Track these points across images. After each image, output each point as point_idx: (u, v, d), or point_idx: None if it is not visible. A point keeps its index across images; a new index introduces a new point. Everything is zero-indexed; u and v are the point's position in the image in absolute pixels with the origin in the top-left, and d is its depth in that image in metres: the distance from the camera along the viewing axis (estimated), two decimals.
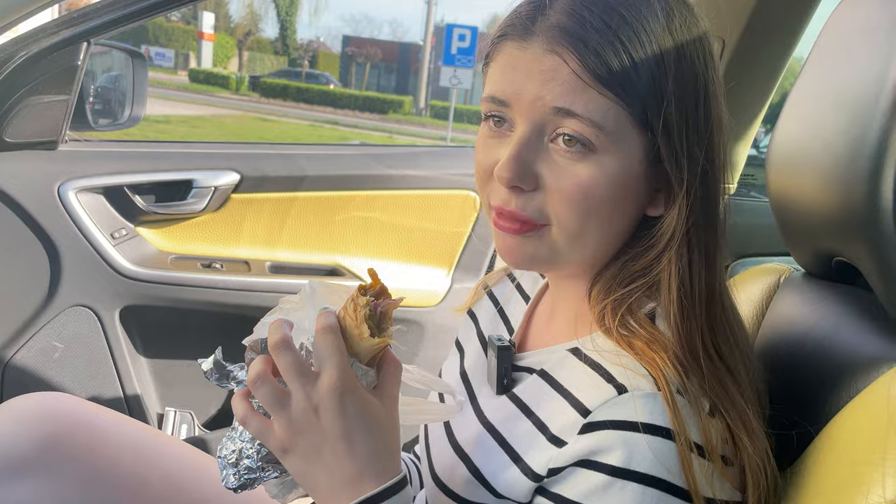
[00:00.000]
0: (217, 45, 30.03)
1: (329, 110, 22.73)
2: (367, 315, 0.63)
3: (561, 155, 0.67)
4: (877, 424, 0.61)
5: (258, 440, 0.66)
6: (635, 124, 0.66)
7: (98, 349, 1.63)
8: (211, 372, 0.71)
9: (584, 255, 0.71)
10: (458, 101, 20.89)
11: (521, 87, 0.67)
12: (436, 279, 1.84)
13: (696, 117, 0.67)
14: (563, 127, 0.66)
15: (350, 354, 0.64)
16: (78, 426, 0.90)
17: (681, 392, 0.62)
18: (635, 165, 0.67)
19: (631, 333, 0.66)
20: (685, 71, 0.66)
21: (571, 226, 0.68)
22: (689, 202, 0.67)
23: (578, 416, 0.65)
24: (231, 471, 0.69)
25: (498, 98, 0.70)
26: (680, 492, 0.61)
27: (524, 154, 0.67)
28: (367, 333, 0.63)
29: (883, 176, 0.65)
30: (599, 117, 0.65)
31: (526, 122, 0.68)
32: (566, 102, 0.65)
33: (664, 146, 0.66)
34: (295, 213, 1.76)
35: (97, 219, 1.60)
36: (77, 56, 1.50)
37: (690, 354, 0.64)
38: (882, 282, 0.70)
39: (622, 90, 0.64)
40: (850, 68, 0.75)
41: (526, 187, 0.68)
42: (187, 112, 15.90)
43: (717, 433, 0.62)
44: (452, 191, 1.82)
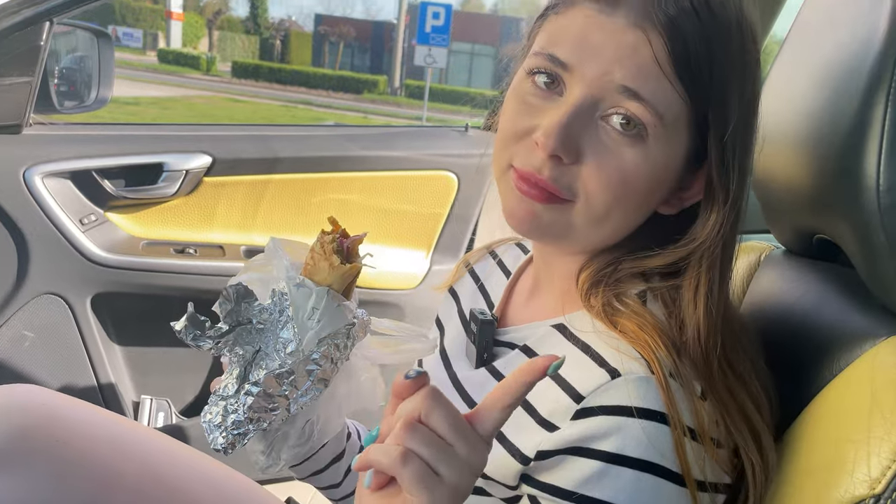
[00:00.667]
0: (186, 24, 29.47)
1: (303, 90, 22.46)
2: (335, 248, 0.67)
3: (610, 135, 0.64)
4: (860, 402, 0.61)
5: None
6: (689, 123, 0.65)
7: (70, 338, 1.59)
8: (186, 329, 0.68)
9: (595, 239, 0.70)
10: (433, 80, 20.76)
11: (592, 56, 0.64)
12: (414, 261, 1.82)
13: (750, 128, 0.68)
14: (622, 107, 0.63)
15: (325, 284, 0.67)
16: (47, 418, 0.88)
17: (673, 375, 0.61)
18: (674, 163, 0.67)
19: (618, 313, 0.66)
20: (749, 87, 0.67)
21: (598, 208, 0.66)
22: (727, 216, 0.67)
23: (571, 401, 0.63)
24: (217, 432, 0.68)
25: (559, 59, 0.65)
26: (674, 476, 0.60)
27: (575, 124, 0.64)
28: (338, 262, 0.67)
29: (865, 152, 0.64)
30: (664, 107, 0.63)
31: (584, 91, 0.64)
32: (636, 84, 0.62)
33: (716, 155, 0.66)
34: (269, 196, 1.73)
35: (65, 204, 1.55)
36: (39, 36, 1.44)
37: (692, 341, 0.64)
38: (863, 259, 0.69)
39: (693, 87, 0.63)
40: (833, 41, 0.74)
41: (567, 159, 0.65)
42: (157, 93, 15.63)
43: (709, 416, 0.62)
44: (430, 171, 1.80)
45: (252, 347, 0.69)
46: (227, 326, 0.68)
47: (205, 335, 0.68)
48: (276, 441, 0.74)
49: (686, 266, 0.68)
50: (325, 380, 0.69)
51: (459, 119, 1.95)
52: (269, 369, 0.67)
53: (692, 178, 0.69)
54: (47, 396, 0.94)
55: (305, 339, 0.67)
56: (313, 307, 0.67)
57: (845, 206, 0.68)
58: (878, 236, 0.64)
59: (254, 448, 0.75)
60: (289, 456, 0.74)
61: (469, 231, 1.84)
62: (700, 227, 0.68)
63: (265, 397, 0.68)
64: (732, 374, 0.65)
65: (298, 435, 0.74)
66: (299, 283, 0.68)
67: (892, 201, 0.63)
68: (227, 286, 0.68)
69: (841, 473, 0.59)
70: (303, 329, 0.67)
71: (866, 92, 0.65)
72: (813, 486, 0.61)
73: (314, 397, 0.69)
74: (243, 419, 0.68)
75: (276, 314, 0.68)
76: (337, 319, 0.67)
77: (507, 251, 0.93)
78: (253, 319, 0.68)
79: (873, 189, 0.64)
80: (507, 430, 0.67)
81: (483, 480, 0.69)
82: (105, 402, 1.64)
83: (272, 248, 0.71)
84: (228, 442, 0.68)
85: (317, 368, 0.68)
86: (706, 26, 0.63)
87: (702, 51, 0.63)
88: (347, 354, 0.71)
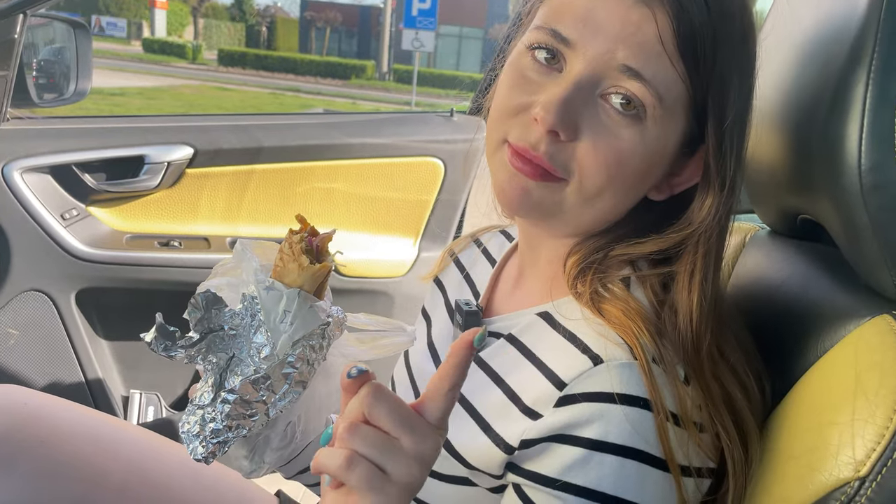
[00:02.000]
0: (171, 12, 29.19)
1: (290, 77, 22.31)
2: (303, 248, 0.66)
3: (609, 114, 0.64)
4: (844, 384, 0.61)
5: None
6: (687, 107, 0.65)
7: (55, 334, 1.58)
8: (156, 341, 0.67)
9: (585, 219, 0.69)
10: (421, 64, 20.64)
11: (595, 33, 0.63)
12: (402, 249, 1.81)
13: (747, 121, 0.67)
14: (623, 86, 0.63)
15: (296, 286, 0.66)
16: (30, 419, 0.87)
17: (656, 360, 0.61)
18: (669, 146, 0.66)
19: (604, 299, 0.65)
20: (748, 75, 0.66)
21: (592, 187, 0.65)
22: (724, 202, 0.66)
23: (554, 388, 0.63)
24: (196, 441, 0.67)
25: (562, 34, 0.64)
26: (657, 461, 0.60)
27: (575, 100, 0.63)
28: (307, 262, 0.66)
29: (847, 131, 0.63)
30: (664, 88, 0.62)
31: (585, 68, 0.63)
32: (638, 63, 0.62)
33: (714, 140, 0.65)
34: (254, 186, 1.71)
35: (45, 200, 1.54)
36: (13, 29, 1.42)
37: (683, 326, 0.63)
38: (847, 239, 0.69)
39: (696, 69, 0.62)
40: (814, 20, 0.73)
41: (564, 136, 0.64)
42: (143, 83, 15.48)
43: (692, 400, 0.61)
44: (416, 158, 1.79)
45: (226, 354, 0.67)
46: (197, 335, 0.66)
47: (175, 345, 0.67)
48: (258, 445, 0.73)
49: (681, 252, 0.67)
50: (303, 382, 0.68)
51: (449, 103, 1.93)
52: (245, 375, 0.66)
53: (684, 164, 0.69)
54: (29, 396, 0.93)
55: (279, 343, 0.65)
56: (285, 310, 0.65)
57: (827, 186, 0.67)
58: (860, 216, 0.64)
59: (236, 453, 0.74)
60: (272, 459, 0.73)
61: (457, 217, 1.83)
62: (696, 212, 0.67)
63: (242, 404, 0.66)
64: (721, 361, 0.65)
65: (280, 438, 0.73)
66: (269, 286, 0.66)
67: (874, 181, 0.62)
68: (195, 294, 0.66)
69: (825, 456, 0.58)
70: (275, 333, 0.65)
71: (847, 70, 0.64)
72: (797, 469, 0.61)
73: (293, 400, 0.68)
74: (222, 427, 0.67)
75: (247, 319, 0.67)
76: (310, 321, 0.66)
77: (492, 239, 0.92)
78: (224, 325, 0.67)
79: (855, 169, 0.63)
80: (492, 420, 0.67)
81: (468, 471, 0.69)
82: (94, 398, 1.63)
83: (240, 250, 0.70)
84: (209, 451, 0.67)
85: (293, 371, 0.67)
86: (712, 9, 0.62)
87: (707, 33, 0.62)
88: (324, 355, 0.70)
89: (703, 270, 0.66)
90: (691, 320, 0.64)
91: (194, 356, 0.67)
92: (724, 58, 0.63)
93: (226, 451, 0.68)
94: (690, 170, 0.69)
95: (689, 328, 0.63)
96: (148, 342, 0.67)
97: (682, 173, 0.69)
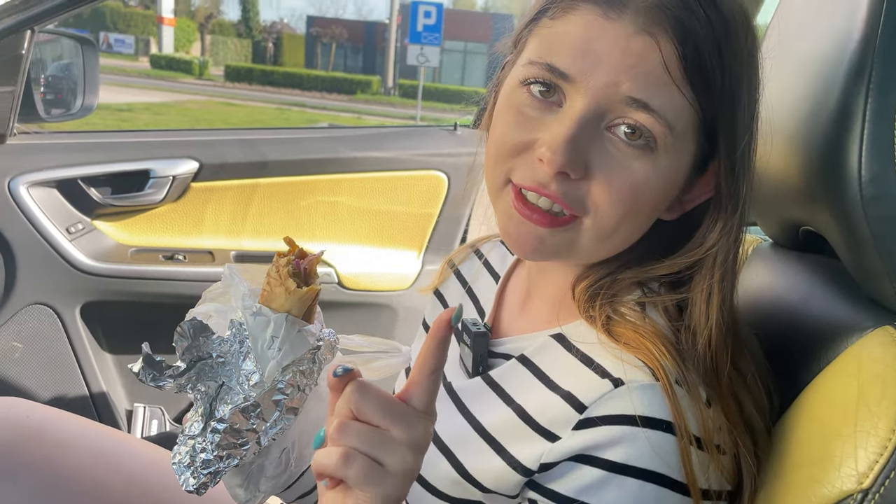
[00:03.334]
0: (178, 29, 29.42)
1: (296, 92, 22.43)
2: (290, 272, 0.65)
3: (617, 146, 0.61)
4: (847, 396, 0.60)
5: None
6: (697, 130, 0.63)
7: (60, 347, 1.59)
8: (143, 371, 0.66)
9: (600, 253, 0.67)
10: (426, 79, 20.74)
11: (595, 65, 0.60)
12: (406, 262, 1.81)
13: (754, 137, 0.65)
14: (629, 118, 0.60)
15: (284, 310, 0.65)
16: (32, 432, 0.87)
17: (679, 382, 0.60)
18: (681, 172, 0.64)
19: (617, 323, 0.64)
20: (755, 90, 0.65)
21: (608, 223, 0.63)
22: (740, 216, 0.65)
23: (572, 410, 0.62)
24: (188, 472, 0.66)
25: (559, 69, 0.61)
26: (677, 485, 0.59)
27: (580, 137, 0.60)
28: (294, 286, 0.65)
29: (847, 143, 0.64)
30: (673, 117, 0.60)
31: (588, 102, 0.60)
32: (645, 94, 0.59)
33: (726, 160, 0.63)
34: (258, 200, 1.72)
35: (51, 214, 1.54)
36: (21, 45, 1.43)
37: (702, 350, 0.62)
38: (848, 250, 0.69)
39: (704, 92, 0.60)
40: (814, 32, 0.73)
41: (574, 175, 0.61)
42: (150, 99, 15.59)
43: (714, 423, 0.60)
44: (420, 171, 1.79)
45: (215, 382, 0.66)
46: (184, 364, 0.65)
47: (163, 375, 0.66)
48: (252, 474, 0.72)
49: (695, 274, 0.65)
50: (295, 408, 0.67)
51: (454, 118, 1.94)
52: (234, 404, 0.65)
53: (694, 182, 0.67)
54: (33, 409, 0.94)
55: (267, 370, 0.64)
56: (272, 336, 0.64)
57: (828, 198, 0.67)
58: (861, 228, 0.64)
59: (230, 482, 0.73)
60: (267, 487, 0.72)
61: (460, 230, 1.83)
62: (709, 232, 0.65)
63: (233, 433, 0.65)
64: (738, 380, 0.64)
65: (275, 465, 0.72)
66: (256, 311, 0.65)
67: (875, 192, 0.62)
68: (182, 322, 0.65)
69: (829, 468, 0.58)
70: (263, 360, 0.64)
71: (846, 83, 0.64)
72: (801, 480, 0.61)
73: (284, 427, 0.67)
74: (212, 458, 0.65)
75: (236, 345, 0.65)
76: (298, 346, 0.65)
77: (493, 250, 0.90)
78: (213, 353, 0.66)
79: (855, 180, 0.63)
80: (505, 442, 0.66)
81: (483, 494, 0.67)
82: (97, 411, 1.63)
83: (228, 275, 0.69)
84: (200, 483, 0.66)
85: (284, 398, 0.66)
86: (716, 28, 0.60)
87: (713, 53, 0.60)
88: (316, 379, 0.68)
89: (720, 293, 0.64)
90: (710, 344, 0.62)
91: (184, 385, 0.66)
92: (732, 76, 0.62)
93: (217, 482, 0.67)
94: (700, 186, 0.67)
95: (707, 351, 0.62)
96: (136, 373, 0.66)
97: (692, 190, 0.68)
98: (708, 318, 0.63)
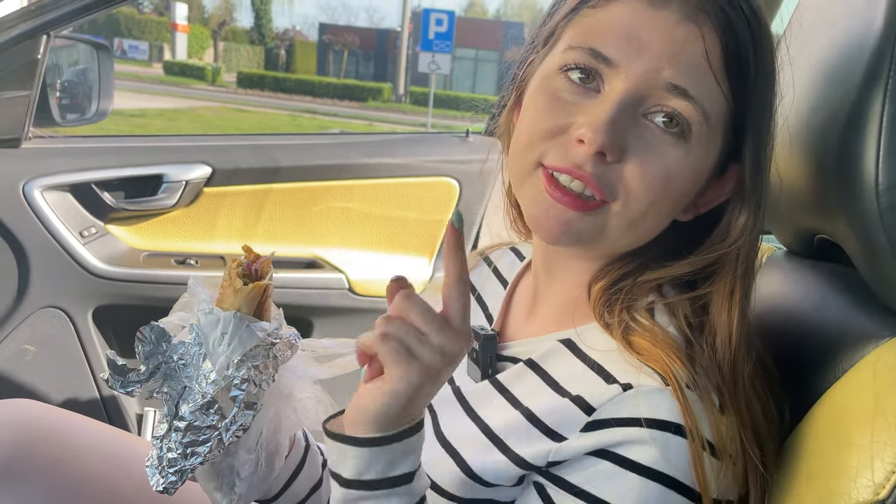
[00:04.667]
0: (192, 36, 29.68)
1: (308, 99, 22.54)
2: (240, 273, 0.70)
3: (654, 132, 0.63)
4: (863, 406, 0.60)
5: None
6: (726, 127, 0.64)
7: (72, 351, 1.59)
8: (111, 378, 0.70)
9: (625, 242, 0.68)
10: (437, 86, 20.80)
11: (639, 52, 0.61)
12: (417, 268, 1.81)
13: (773, 136, 0.67)
14: (668, 105, 0.62)
15: (233, 309, 0.69)
16: (44, 435, 0.87)
17: (690, 386, 0.60)
18: (707, 165, 0.66)
19: (633, 332, 0.64)
20: (775, 99, 0.67)
21: (637, 208, 0.64)
22: (760, 214, 0.66)
23: (581, 413, 0.62)
24: (157, 473, 0.69)
25: (602, 54, 0.63)
26: (683, 489, 0.59)
27: (621, 120, 0.61)
28: (241, 285, 0.69)
29: (863, 150, 0.63)
30: (709, 106, 0.62)
31: (628, 87, 0.62)
32: (685, 82, 0.61)
33: (751, 157, 0.65)
34: (270, 205, 1.72)
35: (65, 217, 1.55)
36: (37, 50, 1.45)
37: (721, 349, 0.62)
38: (864, 259, 0.68)
39: (739, 88, 0.62)
40: (829, 39, 0.73)
41: (611, 157, 0.62)
42: (163, 105, 15.70)
43: (728, 430, 0.60)
44: (432, 178, 1.79)
45: (178, 384, 0.69)
46: (145, 367, 0.69)
47: (129, 380, 0.69)
48: (224, 475, 0.73)
49: (715, 272, 0.66)
50: (253, 403, 0.70)
51: (465, 125, 1.94)
52: (194, 402, 0.68)
53: (711, 183, 0.68)
54: (46, 411, 0.94)
55: (218, 365, 0.67)
56: (222, 332, 0.68)
57: (845, 206, 0.67)
58: (878, 236, 0.63)
59: (206, 486, 0.75)
60: (244, 489, 0.74)
61: (472, 237, 1.83)
62: (731, 229, 0.66)
63: (194, 430, 0.68)
64: (751, 387, 0.63)
65: (246, 466, 0.74)
66: (208, 311, 0.69)
67: (892, 201, 0.61)
68: (141, 328, 0.69)
69: (844, 479, 0.57)
70: (215, 355, 0.68)
71: (863, 89, 0.64)
72: (816, 491, 0.60)
73: (244, 424, 0.69)
74: (177, 456, 0.68)
75: (195, 348, 0.69)
76: (247, 340, 0.68)
77: (502, 257, 0.91)
78: (174, 356, 0.69)
79: (872, 188, 0.62)
80: (511, 443, 0.66)
81: (487, 489, 0.68)
82: (108, 414, 1.63)
83: (192, 285, 0.73)
84: (168, 482, 0.69)
85: (241, 394, 0.68)
86: (752, 25, 0.62)
87: (751, 49, 0.62)
88: (272, 375, 0.71)
89: (742, 289, 0.65)
90: (730, 341, 0.62)
91: (153, 389, 0.69)
92: (765, 74, 0.63)
93: (184, 481, 0.69)
94: (715, 189, 0.68)
95: (727, 350, 0.62)
96: (105, 380, 0.69)
97: (707, 193, 0.68)
98: (730, 314, 0.63)
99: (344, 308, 1.72)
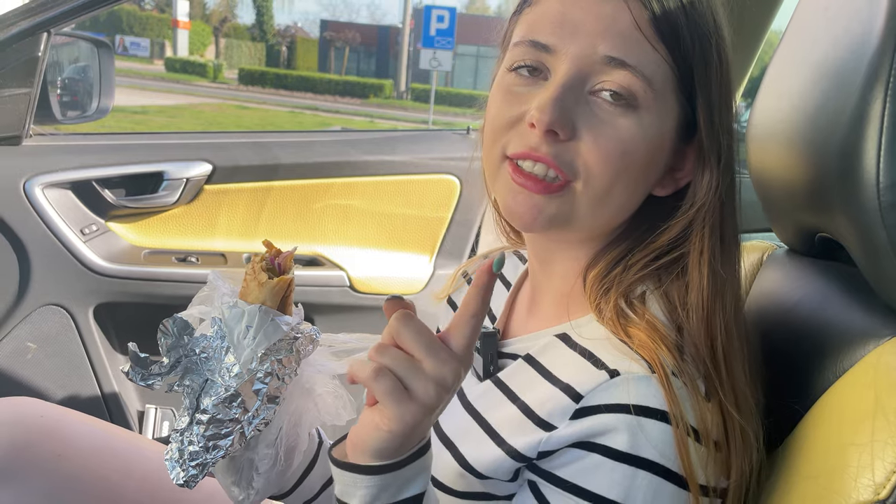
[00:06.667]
0: (193, 32, 29.64)
1: (309, 96, 22.53)
2: (264, 267, 0.69)
3: (602, 107, 0.64)
4: (864, 405, 0.60)
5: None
6: (675, 90, 0.66)
7: (73, 348, 1.59)
8: (132, 370, 0.69)
9: (600, 221, 0.69)
10: (438, 83, 20.78)
11: (573, 34, 0.64)
12: (418, 266, 1.81)
13: (730, 91, 0.68)
14: (610, 79, 0.63)
15: (258, 302, 0.69)
16: (44, 432, 0.87)
17: (675, 374, 0.61)
18: (666, 132, 0.67)
19: (627, 320, 0.65)
20: (723, 46, 0.67)
21: (600, 184, 0.65)
22: (721, 178, 0.67)
23: (569, 400, 0.63)
24: (178, 467, 0.69)
25: (541, 43, 0.66)
26: (671, 475, 0.59)
27: (567, 98, 0.63)
28: (266, 278, 0.69)
29: (864, 149, 0.63)
30: (650, 72, 0.64)
31: (569, 67, 0.64)
32: (620, 52, 0.63)
33: (704, 115, 0.66)
34: (271, 202, 1.72)
35: (66, 215, 1.55)
36: (37, 47, 1.45)
37: (697, 338, 0.63)
38: (866, 257, 0.68)
39: (676, 48, 0.64)
40: (830, 37, 0.73)
41: (563, 135, 0.64)
42: (164, 102, 15.70)
43: (713, 417, 0.61)
44: (432, 175, 1.79)
45: (200, 377, 0.69)
46: (168, 360, 0.68)
47: (151, 373, 0.69)
48: (244, 470, 0.73)
49: (688, 235, 0.67)
50: (275, 397, 0.70)
51: (466, 122, 1.94)
52: (217, 395, 0.68)
53: (683, 157, 0.69)
54: (46, 409, 0.94)
55: (243, 358, 0.67)
56: (247, 325, 0.68)
57: (845, 204, 0.67)
58: (879, 235, 0.63)
59: (224, 480, 0.75)
60: (261, 484, 0.74)
61: (472, 234, 1.83)
62: (698, 190, 0.67)
63: (216, 423, 0.68)
64: (734, 374, 0.64)
65: (265, 461, 0.74)
66: (232, 305, 0.69)
67: (893, 199, 0.61)
68: (164, 320, 0.68)
69: (844, 478, 0.57)
70: (239, 349, 0.67)
71: (864, 88, 0.63)
72: (816, 491, 0.60)
73: (267, 418, 0.69)
74: (199, 449, 0.68)
75: (218, 341, 0.69)
76: (272, 333, 0.68)
77: (506, 260, 0.91)
78: (196, 349, 0.69)
79: (873, 187, 0.62)
80: (507, 436, 0.67)
81: (482, 482, 0.69)
82: (109, 412, 1.64)
83: (212, 279, 0.73)
84: (189, 475, 0.68)
85: (263, 387, 0.68)
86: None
87: (680, 12, 0.64)
88: (295, 369, 0.71)
89: (710, 248, 0.66)
90: (703, 297, 0.64)
91: (172, 383, 0.69)
92: (700, 35, 0.65)
93: (205, 475, 0.69)
94: (690, 162, 0.69)
95: (700, 304, 0.64)
96: (125, 372, 0.69)
97: (683, 166, 0.70)
98: (700, 269, 0.65)
99: (345, 305, 1.72)
